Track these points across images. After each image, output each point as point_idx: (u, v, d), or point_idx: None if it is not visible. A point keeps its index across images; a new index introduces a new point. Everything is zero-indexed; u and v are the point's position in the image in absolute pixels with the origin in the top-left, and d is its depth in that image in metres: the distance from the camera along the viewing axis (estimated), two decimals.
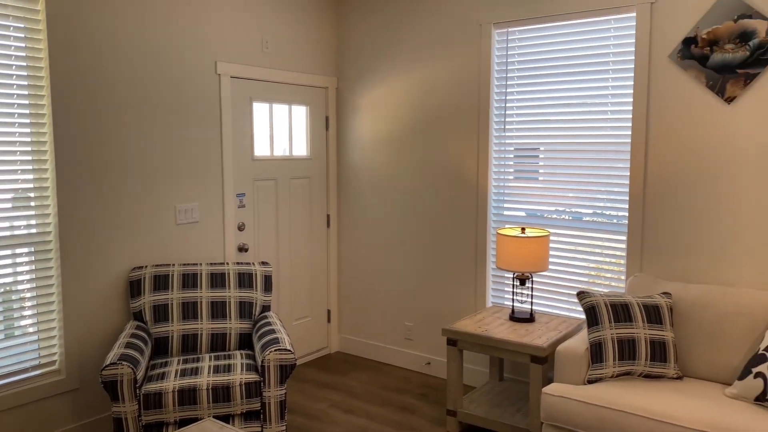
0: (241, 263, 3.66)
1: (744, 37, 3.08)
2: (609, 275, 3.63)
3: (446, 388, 3.90)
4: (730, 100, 3.15)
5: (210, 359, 3.24)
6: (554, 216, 3.82)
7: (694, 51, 3.23)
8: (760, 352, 2.71)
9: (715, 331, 2.96)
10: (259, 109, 4.23)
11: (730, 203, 3.20)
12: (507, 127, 3.95)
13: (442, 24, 4.14)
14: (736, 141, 3.16)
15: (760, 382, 2.64)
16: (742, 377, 2.73)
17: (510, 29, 3.88)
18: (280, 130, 4.39)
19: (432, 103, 4.24)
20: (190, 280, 3.49)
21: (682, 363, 3.03)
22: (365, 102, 4.59)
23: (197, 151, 3.83)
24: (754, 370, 2.68)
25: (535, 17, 3.74)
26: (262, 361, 3.01)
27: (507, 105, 3.94)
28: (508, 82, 3.92)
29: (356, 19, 4.59)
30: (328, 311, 4.86)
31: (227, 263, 3.63)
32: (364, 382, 4.30)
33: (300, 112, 4.53)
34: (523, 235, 3.49)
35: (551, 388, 2.92)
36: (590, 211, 3.68)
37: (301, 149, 4.56)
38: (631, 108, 3.46)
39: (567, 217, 3.77)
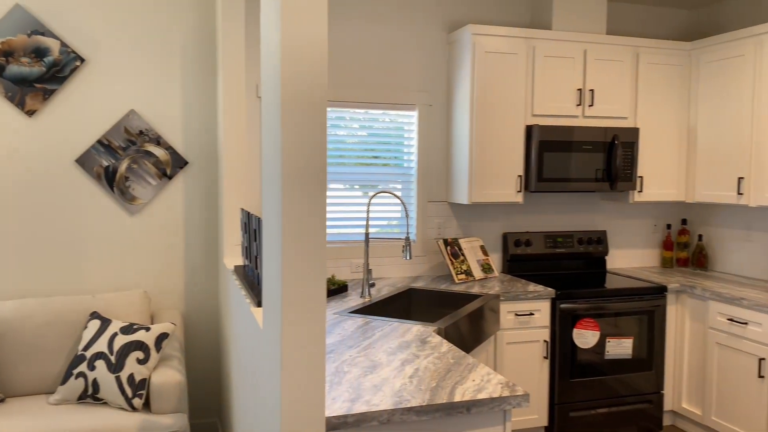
0: None
1: (39, 53, 3.16)
2: None
3: None
4: (31, 113, 3.18)
5: None
6: None
7: None
8: (80, 353, 2.86)
9: (36, 342, 2.95)
10: None
11: (38, 214, 3.23)
12: None
13: None
14: (40, 154, 3.21)
15: (81, 381, 2.79)
16: (64, 381, 2.82)
17: None
18: None
19: None
20: None
21: (6, 384, 2.90)
22: None
23: None
24: (75, 371, 2.81)
25: None
26: None
27: None
28: None
29: None
30: None
31: None
32: None
33: None
34: None
35: None
36: None
37: None
38: None
39: None
